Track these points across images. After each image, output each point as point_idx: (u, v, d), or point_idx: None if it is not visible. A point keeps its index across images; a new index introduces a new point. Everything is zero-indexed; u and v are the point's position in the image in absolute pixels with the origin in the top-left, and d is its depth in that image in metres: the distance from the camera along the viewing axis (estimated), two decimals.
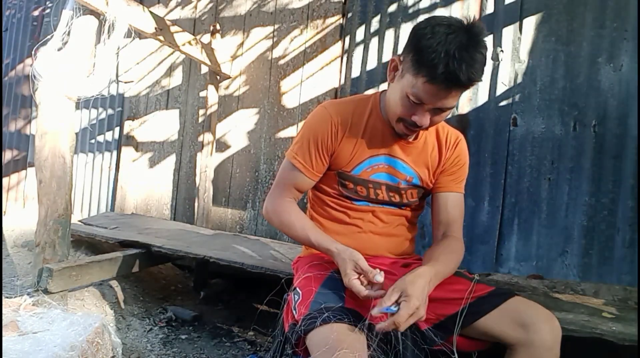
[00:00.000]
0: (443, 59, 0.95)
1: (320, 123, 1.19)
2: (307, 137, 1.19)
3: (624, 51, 2.02)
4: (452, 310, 1.08)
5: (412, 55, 1.02)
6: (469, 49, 0.96)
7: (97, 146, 3.65)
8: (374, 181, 1.20)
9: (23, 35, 4.16)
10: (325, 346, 0.86)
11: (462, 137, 1.28)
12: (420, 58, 0.99)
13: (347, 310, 0.95)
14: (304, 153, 1.19)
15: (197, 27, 3.23)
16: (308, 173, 1.19)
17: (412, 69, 1.02)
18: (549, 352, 0.99)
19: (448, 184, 1.26)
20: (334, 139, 1.18)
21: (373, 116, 1.20)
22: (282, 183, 1.23)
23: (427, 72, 0.98)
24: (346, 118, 1.18)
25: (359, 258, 1.01)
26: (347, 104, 1.22)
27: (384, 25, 2.58)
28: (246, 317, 2.29)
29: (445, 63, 0.95)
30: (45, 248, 1.82)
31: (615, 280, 1.96)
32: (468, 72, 0.96)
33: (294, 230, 1.17)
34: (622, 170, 2.00)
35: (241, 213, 2.98)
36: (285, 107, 2.87)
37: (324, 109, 1.20)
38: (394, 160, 1.21)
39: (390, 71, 1.11)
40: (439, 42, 0.96)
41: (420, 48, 0.99)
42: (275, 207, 1.22)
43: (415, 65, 1.00)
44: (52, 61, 1.79)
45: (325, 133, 1.17)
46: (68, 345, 1.27)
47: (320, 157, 1.18)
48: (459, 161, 1.26)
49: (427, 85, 1.00)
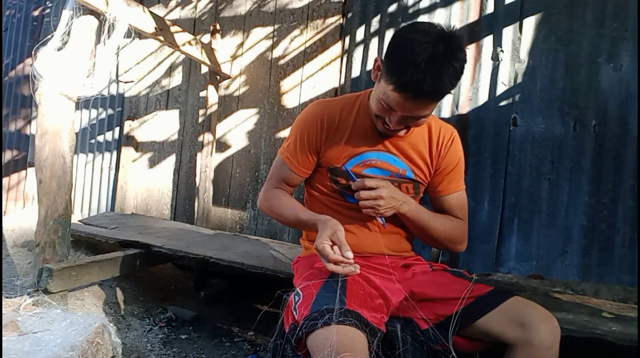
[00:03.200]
0: (409, 69, 0.96)
1: (307, 120, 1.23)
2: (295, 134, 1.24)
3: (624, 51, 2.02)
4: (452, 310, 1.08)
5: (387, 60, 1.04)
6: (437, 61, 0.96)
7: (97, 146, 3.65)
8: (367, 176, 1.20)
9: (23, 35, 4.16)
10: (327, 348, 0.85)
11: (456, 132, 1.28)
12: (391, 65, 1.01)
13: (348, 311, 0.95)
14: (291, 150, 1.24)
15: (197, 27, 3.23)
16: (295, 168, 1.24)
17: (385, 75, 1.04)
18: (548, 352, 1.00)
19: (447, 187, 1.27)
20: (320, 136, 1.21)
21: (361, 112, 1.22)
22: (273, 178, 1.30)
23: (394, 81, 1.00)
24: (333, 115, 1.21)
25: (340, 230, 1.03)
26: (336, 102, 1.26)
27: (384, 25, 2.58)
28: (246, 317, 2.29)
29: (410, 73, 0.96)
30: (45, 248, 1.82)
31: (615, 280, 1.96)
32: (433, 84, 0.96)
33: (285, 213, 1.22)
34: (622, 170, 2.00)
35: (241, 213, 2.98)
36: (285, 107, 2.87)
37: (312, 107, 1.25)
38: (385, 155, 1.21)
39: (374, 70, 1.13)
40: (410, 51, 0.97)
41: (393, 55, 1.01)
42: (267, 196, 1.28)
43: (388, 72, 1.03)
44: (52, 61, 1.79)
45: (312, 130, 1.21)
46: (68, 345, 1.27)
47: (306, 153, 1.22)
48: (454, 159, 1.26)
49: (394, 93, 1.02)
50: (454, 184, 1.27)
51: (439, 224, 1.22)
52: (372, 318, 0.98)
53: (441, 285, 1.13)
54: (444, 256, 2.31)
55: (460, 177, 1.28)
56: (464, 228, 1.28)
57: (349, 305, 0.97)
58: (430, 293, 1.14)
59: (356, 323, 0.92)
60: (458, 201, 1.28)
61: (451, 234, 1.24)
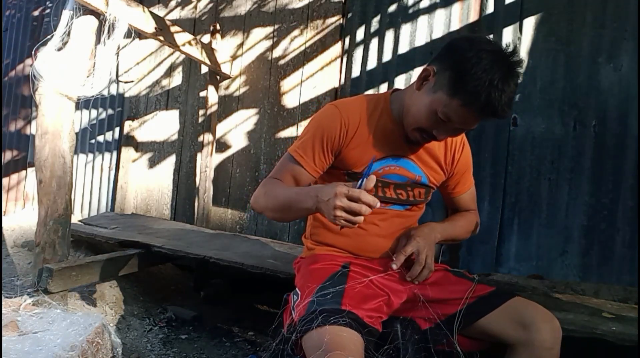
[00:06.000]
0: (486, 89, 0.94)
1: (329, 121, 1.17)
2: (313, 132, 1.17)
3: (624, 51, 2.02)
4: (452, 310, 1.08)
5: (451, 74, 1.01)
6: (510, 80, 0.96)
7: (97, 146, 3.64)
8: (384, 181, 1.19)
9: (23, 35, 4.16)
10: (319, 349, 0.84)
11: (464, 136, 1.29)
12: (460, 81, 0.98)
13: (343, 312, 0.94)
14: (306, 147, 1.16)
15: (197, 27, 3.23)
16: (307, 166, 1.16)
17: (449, 89, 1.00)
18: (549, 352, 1.00)
19: (461, 188, 1.34)
20: (342, 139, 1.16)
21: (384, 116, 1.18)
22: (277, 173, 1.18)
23: (466, 97, 0.98)
24: (356, 118, 1.16)
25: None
26: (356, 104, 1.20)
27: (384, 25, 2.58)
28: (246, 317, 2.29)
29: (487, 93, 0.95)
30: (45, 248, 1.82)
31: (615, 280, 1.96)
32: (506, 105, 0.97)
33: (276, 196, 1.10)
34: (622, 170, 2.00)
35: (241, 213, 2.98)
36: (285, 107, 2.87)
37: (334, 108, 1.19)
38: (404, 160, 1.20)
39: (420, 79, 1.09)
40: (484, 70, 0.95)
41: (463, 71, 0.97)
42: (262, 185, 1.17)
43: (454, 86, 0.99)
44: (52, 61, 1.79)
45: (334, 131, 1.15)
46: (68, 345, 1.27)
47: (323, 153, 1.16)
48: (467, 162, 1.31)
49: (461, 109, 1.00)
50: (468, 184, 1.34)
51: (459, 227, 1.32)
52: (367, 318, 0.97)
53: (442, 285, 1.13)
54: (444, 256, 2.31)
55: (470, 175, 1.35)
56: (476, 216, 1.38)
57: (344, 304, 0.97)
58: (431, 293, 1.14)
59: (350, 323, 0.91)
60: (470, 196, 1.38)
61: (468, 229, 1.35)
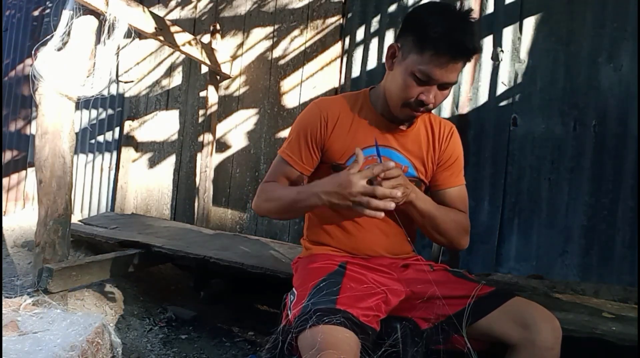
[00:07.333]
0: (449, 30, 1.01)
1: (309, 117, 1.23)
2: (297, 131, 1.23)
3: (624, 51, 2.02)
4: (452, 310, 1.08)
5: (414, 34, 1.07)
6: (466, 18, 1.04)
7: (97, 146, 3.65)
8: None
9: (23, 35, 4.16)
10: (312, 348, 0.84)
11: (454, 127, 1.29)
12: (424, 34, 1.04)
13: (337, 311, 0.94)
14: (292, 147, 1.22)
15: (197, 27, 3.23)
16: (297, 165, 1.21)
17: (416, 48, 1.06)
18: (549, 352, 0.99)
19: (448, 180, 1.26)
20: (324, 132, 1.20)
21: (365, 109, 1.23)
22: (271, 176, 1.26)
23: (434, 45, 1.02)
24: (335, 111, 1.22)
25: None
26: (336, 98, 1.28)
27: (384, 25, 2.58)
28: (246, 317, 2.29)
29: (450, 32, 1.01)
30: (45, 248, 1.82)
31: (615, 280, 1.96)
32: (472, 41, 1.03)
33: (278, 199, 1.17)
34: (622, 170, 2.00)
35: (241, 213, 2.98)
36: (285, 107, 2.87)
37: (314, 105, 1.25)
38: (388, 150, 1.20)
39: (388, 58, 1.14)
40: (441, 17, 1.03)
41: (424, 25, 1.04)
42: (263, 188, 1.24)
43: (420, 42, 1.05)
44: (52, 61, 1.79)
45: (314, 126, 1.20)
46: (68, 345, 1.27)
47: (309, 150, 1.21)
48: (455, 152, 1.27)
49: (434, 58, 1.03)
50: (454, 178, 1.26)
51: (444, 213, 1.20)
52: (364, 317, 0.97)
53: (443, 286, 1.13)
54: (444, 256, 2.31)
55: (460, 172, 1.28)
56: (466, 220, 1.26)
57: (339, 304, 0.97)
58: (431, 293, 1.13)
59: (344, 322, 0.91)
60: (459, 194, 1.27)
61: (456, 225, 1.22)
